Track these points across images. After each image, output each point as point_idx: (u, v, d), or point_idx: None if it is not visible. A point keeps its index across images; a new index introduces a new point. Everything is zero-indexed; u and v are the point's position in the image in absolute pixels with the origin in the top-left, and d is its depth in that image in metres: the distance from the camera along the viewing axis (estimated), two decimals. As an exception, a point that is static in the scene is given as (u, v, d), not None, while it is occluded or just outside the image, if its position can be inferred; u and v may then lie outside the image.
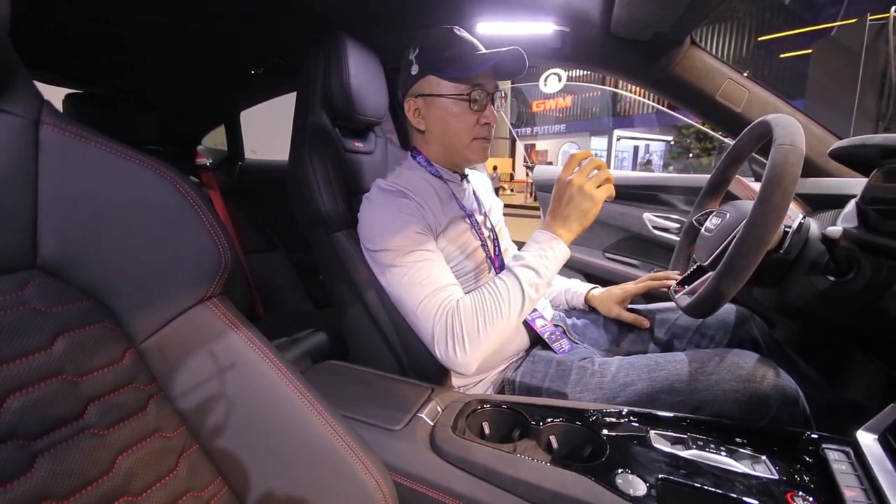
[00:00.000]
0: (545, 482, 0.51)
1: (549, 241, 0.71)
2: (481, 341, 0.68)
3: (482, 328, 0.68)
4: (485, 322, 0.68)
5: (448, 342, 0.68)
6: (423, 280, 0.72)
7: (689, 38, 1.00)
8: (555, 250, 0.71)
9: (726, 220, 0.76)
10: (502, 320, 0.69)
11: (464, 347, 0.68)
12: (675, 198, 1.40)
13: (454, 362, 0.69)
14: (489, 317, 0.68)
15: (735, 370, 0.64)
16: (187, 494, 0.42)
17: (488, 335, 0.68)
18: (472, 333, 0.68)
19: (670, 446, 0.56)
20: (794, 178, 0.59)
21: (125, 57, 1.28)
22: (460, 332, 0.68)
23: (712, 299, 0.65)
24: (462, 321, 0.68)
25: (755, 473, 0.52)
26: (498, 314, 0.68)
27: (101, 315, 0.41)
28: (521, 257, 0.72)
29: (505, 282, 0.71)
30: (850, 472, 0.51)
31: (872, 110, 1.39)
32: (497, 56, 0.74)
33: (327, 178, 0.84)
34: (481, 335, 0.68)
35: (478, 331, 0.68)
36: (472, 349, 0.68)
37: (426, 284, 0.71)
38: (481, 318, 0.68)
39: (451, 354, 0.68)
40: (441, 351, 0.70)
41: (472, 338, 0.68)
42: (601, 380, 0.74)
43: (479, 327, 0.68)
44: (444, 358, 0.70)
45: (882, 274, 0.66)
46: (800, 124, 0.64)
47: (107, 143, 0.42)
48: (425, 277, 0.72)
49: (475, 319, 0.68)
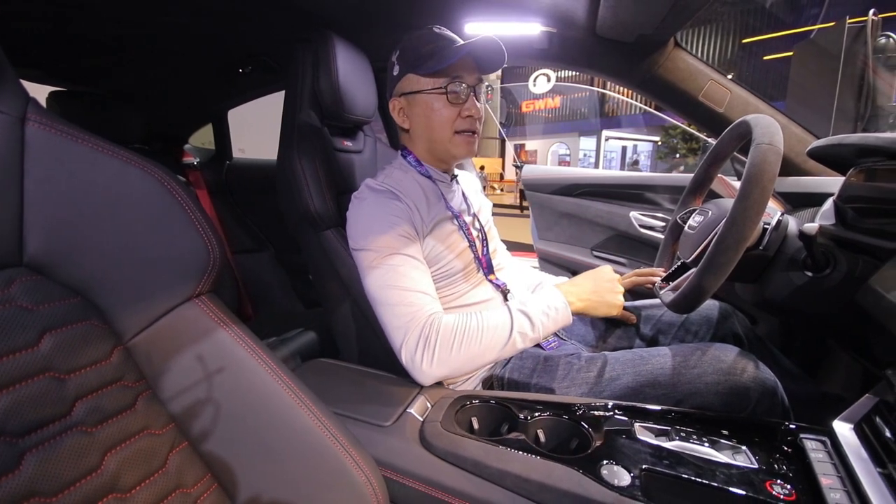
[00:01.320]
0: (532, 474, 0.52)
1: (560, 305, 0.75)
2: (449, 360, 0.69)
3: (455, 349, 0.69)
4: (460, 345, 0.69)
5: (418, 349, 0.69)
6: (403, 283, 0.72)
7: (673, 39, 1.02)
8: (559, 314, 0.74)
9: (708, 217, 0.78)
10: (478, 350, 0.70)
11: (431, 360, 0.68)
12: (660, 196, 1.43)
13: (416, 369, 0.70)
14: (466, 341, 0.69)
15: (716, 363, 0.66)
16: (176, 492, 0.42)
17: (459, 358, 0.69)
18: (444, 350, 0.68)
19: (654, 438, 0.58)
20: (772, 176, 0.61)
21: (111, 55, 1.27)
22: (433, 345, 0.68)
23: (695, 295, 0.66)
24: (439, 335, 0.69)
25: (736, 463, 0.53)
26: (476, 343, 0.69)
27: (89, 313, 0.40)
28: (526, 304, 0.74)
29: (497, 317, 0.72)
30: (826, 460, 0.53)
31: (851, 111, 1.42)
32: (470, 45, 0.74)
33: (316, 177, 0.84)
34: (451, 355, 0.69)
35: (450, 350, 0.68)
36: (437, 364, 0.69)
37: (406, 288, 0.72)
38: (458, 339, 0.69)
39: (416, 360, 0.69)
40: (407, 354, 0.70)
41: (441, 354, 0.68)
42: (588, 375, 0.75)
43: (452, 347, 0.69)
44: (407, 362, 0.70)
45: (858, 269, 0.68)
46: (778, 124, 0.66)
47: (93, 141, 0.42)
48: (406, 281, 0.72)
49: (452, 338, 0.69)
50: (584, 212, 1.60)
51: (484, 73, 0.83)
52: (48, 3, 0.95)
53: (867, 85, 1.34)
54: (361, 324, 0.84)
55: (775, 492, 0.49)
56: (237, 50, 1.27)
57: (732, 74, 7.53)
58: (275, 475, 0.47)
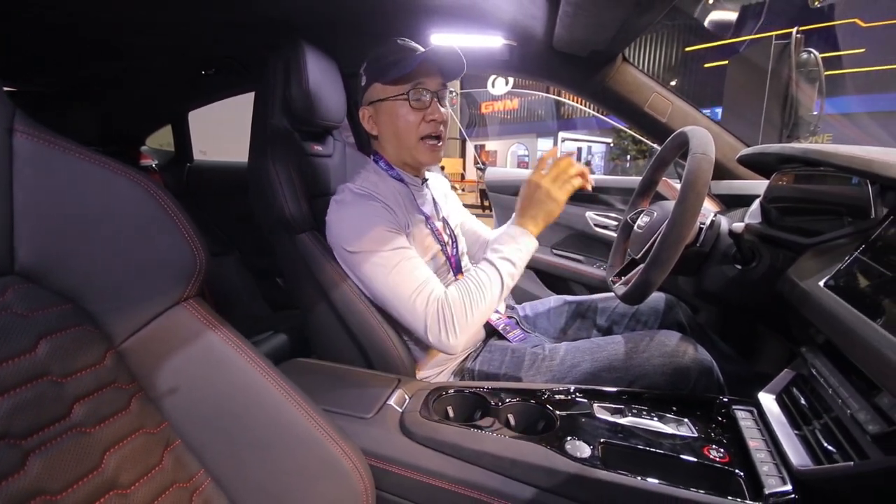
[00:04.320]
0: (505, 452, 0.57)
1: (522, 236, 0.81)
2: (468, 325, 0.76)
3: (469, 314, 0.75)
4: (471, 308, 0.75)
5: (441, 329, 0.75)
6: (408, 276, 0.77)
7: (621, 55, 1.11)
8: (527, 244, 0.81)
9: (654, 218, 0.87)
10: (485, 305, 0.77)
11: (455, 332, 0.75)
12: (613, 198, 1.53)
13: (447, 345, 0.76)
14: (475, 303, 0.76)
15: (662, 348, 0.74)
16: (173, 486, 0.44)
17: (474, 319, 0.76)
18: (461, 319, 0.75)
19: (611, 416, 0.65)
20: (705, 182, 0.69)
21: (63, 52, 1.21)
22: (451, 320, 0.74)
23: (643, 288, 0.74)
24: (452, 310, 0.75)
25: (679, 433, 0.61)
26: (482, 300, 0.76)
27: (81, 318, 0.42)
28: (499, 250, 0.80)
29: (487, 272, 0.79)
30: (753, 426, 0.62)
31: (777, 120, 1.57)
32: (428, 52, 0.79)
33: (290, 181, 0.86)
34: (468, 320, 0.75)
35: (466, 317, 0.75)
36: (461, 333, 0.75)
37: (413, 280, 0.77)
38: (468, 305, 0.75)
39: (443, 339, 0.75)
40: (434, 338, 0.76)
41: (461, 323, 0.75)
42: (551, 363, 0.82)
43: (466, 314, 0.75)
44: (437, 343, 0.76)
45: (779, 262, 0.78)
46: (711, 136, 0.75)
47: (80, 151, 0.43)
48: (410, 273, 0.77)
49: (463, 307, 0.75)
50: (544, 212, 1.67)
51: (446, 79, 0.88)
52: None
53: (791, 96, 1.50)
54: (337, 324, 0.87)
55: (712, 455, 0.57)
56: (201, 51, 1.25)
57: (677, 80, 7.99)
58: (267, 467, 0.50)
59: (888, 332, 0.43)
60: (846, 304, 0.52)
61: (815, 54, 1.55)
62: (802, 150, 0.79)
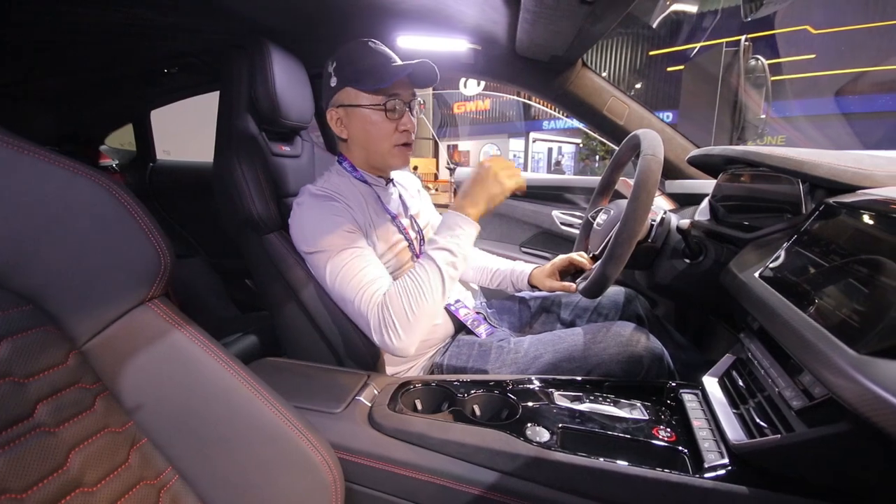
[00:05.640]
0: (469, 439, 0.60)
1: (458, 221, 0.79)
2: (412, 325, 0.75)
3: (410, 313, 0.74)
4: (412, 307, 0.75)
5: (383, 331, 0.75)
6: (355, 276, 0.78)
7: (581, 61, 1.16)
8: (464, 228, 0.78)
9: (610, 216, 0.92)
10: (427, 302, 0.75)
11: (398, 334, 0.75)
12: (577, 196, 1.59)
13: (393, 348, 0.76)
14: (415, 301, 0.75)
15: (617, 338, 0.79)
16: (140, 483, 0.44)
17: (417, 318, 0.75)
18: (402, 319, 0.74)
19: (570, 403, 0.69)
20: (655, 182, 0.74)
21: (15, 48, 1.16)
22: (391, 321, 0.75)
23: (601, 282, 0.78)
24: (391, 310, 0.75)
25: (632, 416, 0.66)
26: (422, 297, 0.75)
27: (42, 319, 0.42)
28: (434, 241, 0.79)
29: (424, 266, 0.77)
30: (698, 407, 0.67)
31: (728, 124, 1.66)
32: (409, 67, 0.81)
33: (257, 181, 0.86)
34: (411, 319, 0.75)
35: (407, 316, 0.74)
36: (405, 334, 0.75)
37: (358, 280, 0.78)
38: (407, 304, 0.75)
39: (387, 341, 0.75)
40: (379, 340, 0.77)
41: (402, 324, 0.74)
42: (516, 356, 0.85)
43: (407, 313, 0.74)
44: (382, 345, 0.77)
45: (722, 255, 0.84)
46: (660, 139, 0.80)
47: (40, 152, 0.43)
48: (357, 273, 0.78)
49: (402, 306, 0.75)
50: (512, 211, 1.72)
51: (418, 88, 0.91)
52: None
53: (740, 101, 1.60)
54: (307, 322, 0.88)
55: (661, 435, 0.61)
56: (164, 49, 1.22)
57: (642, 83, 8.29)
58: (235, 462, 0.51)
59: (809, 317, 0.48)
60: (775, 293, 0.57)
61: (762, 61, 1.66)
62: (743, 152, 0.85)
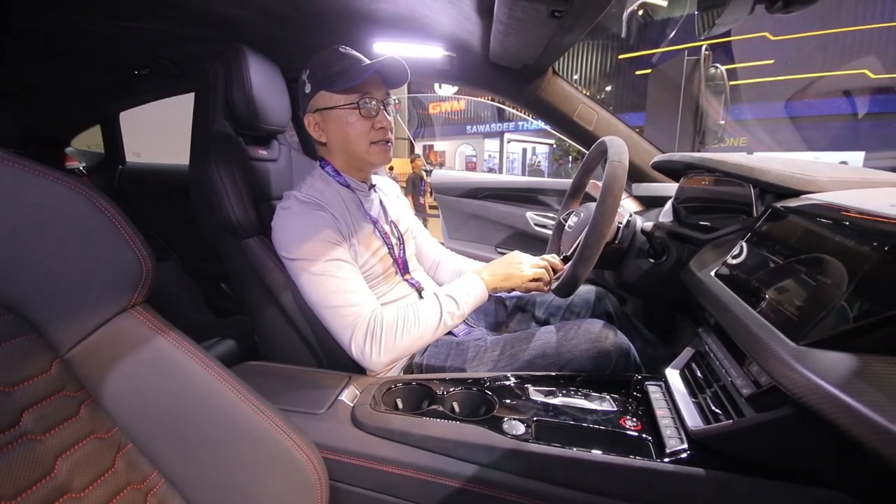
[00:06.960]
0: (448, 435, 0.63)
1: (476, 286, 0.89)
2: (395, 347, 0.81)
3: (399, 337, 0.81)
4: (402, 332, 0.81)
5: (366, 343, 0.79)
6: (342, 287, 0.80)
7: (552, 69, 1.21)
8: (477, 292, 0.89)
9: (581, 218, 0.96)
10: (417, 333, 0.82)
11: (379, 351, 0.80)
12: (550, 199, 1.64)
13: (367, 361, 0.81)
14: (407, 329, 0.81)
15: (587, 335, 0.83)
16: (127, 488, 0.45)
17: (402, 343, 0.81)
18: (389, 340, 0.80)
19: (544, 397, 0.72)
20: (621, 187, 0.79)
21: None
22: (380, 337, 0.79)
23: (571, 282, 0.83)
24: (383, 328, 0.80)
25: (601, 408, 0.70)
26: (415, 328, 0.82)
27: (24, 328, 0.42)
28: (448, 290, 0.88)
29: (430, 304, 0.85)
30: (661, 398, 0.72)
31: (690, 128, 1.75)
32: (377, 63, 0.83)
33: (235, 186, 0.86)
34: (396, 342, 0.81)
35: (395, 338, 0.80)
36: (385, 352, 0.80)
37: (346, 291, 0.81)
38: (400, 328, 0.81)
39: (366, 353, 0.80)
40: (357, 349, 0.80)
41: (388, 343, 0.80)
42: (493, 354, 0.88)
43: (396, 335, 0.81)
44: (358, 355, 0.81)
45: (683, 255, 0.90)
46: (626, 145, 0.84)
47: (18, 161, 0.43)
48: (344, 284, 0.81)
49: (394, 328, 0.81)
50: (487, 213, 1.76)
51: (390, 87, 0.93)
52: None
53: (700, 107, 1.69)
54: (287, 326, 0.88)
55: (627, 425, 0.66)
56: (134, 50, 1.20)
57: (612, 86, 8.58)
58: (220, 464, 0.52)
59: (756, 312, 0.53)
60: (727, 290, 0.62)
61: (721, 69, 1.75)
62: (700, 159, 0.91)
